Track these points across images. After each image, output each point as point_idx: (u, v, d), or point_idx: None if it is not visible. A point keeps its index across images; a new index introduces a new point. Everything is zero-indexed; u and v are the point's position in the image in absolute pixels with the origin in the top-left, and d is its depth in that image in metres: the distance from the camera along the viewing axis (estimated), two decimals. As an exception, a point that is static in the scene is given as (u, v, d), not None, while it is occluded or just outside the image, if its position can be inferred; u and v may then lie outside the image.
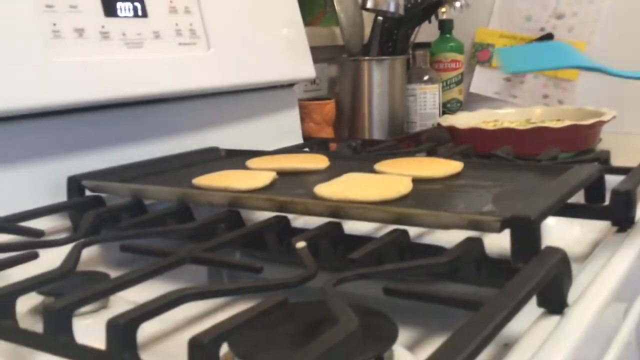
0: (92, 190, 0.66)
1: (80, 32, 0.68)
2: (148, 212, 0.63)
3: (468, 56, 1.40)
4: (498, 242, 0.50)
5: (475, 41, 1.41)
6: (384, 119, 1.22)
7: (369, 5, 1.12)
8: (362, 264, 0.44)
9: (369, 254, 0.45)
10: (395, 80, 1.21)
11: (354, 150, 0.94)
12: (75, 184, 0.66)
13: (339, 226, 0.53)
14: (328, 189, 0.56)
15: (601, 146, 1.09)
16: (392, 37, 1.20)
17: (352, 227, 0.56)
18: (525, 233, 0.44)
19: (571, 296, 0.43)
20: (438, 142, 1.19)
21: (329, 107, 1.15)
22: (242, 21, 0.92)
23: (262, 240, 0.54)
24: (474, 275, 0.46)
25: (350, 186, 0.57)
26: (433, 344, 0.41)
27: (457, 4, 1.18)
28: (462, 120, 1.15)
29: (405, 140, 1.14)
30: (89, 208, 0.62)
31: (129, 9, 0.74)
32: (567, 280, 0.43)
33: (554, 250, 0.43)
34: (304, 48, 1.04)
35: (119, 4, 0.73)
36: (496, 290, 0.37)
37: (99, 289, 0.40)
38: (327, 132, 1.17)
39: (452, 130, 1.08)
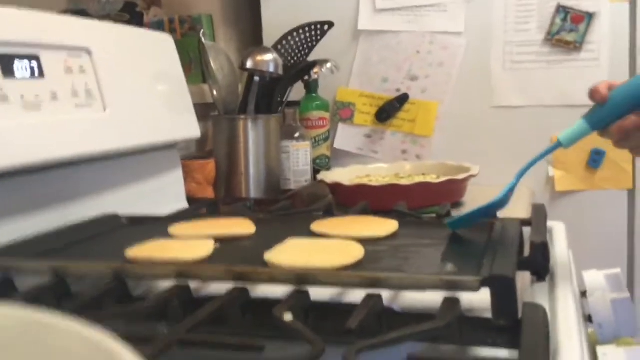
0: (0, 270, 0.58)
1: (-21, 92, 0.61)
2: (73, 293, 0.57)
3: (331, 114, 1.45)
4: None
5: (337, 100, 1.47)
6: (260, 177, 1.21)
7: (249, 65, 1.12)
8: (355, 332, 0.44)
9: (362, 320, 0.44)
10: (270, 138, 1.22)
11: (249, 210, 0.93)
12: (-23, 264, 0.58)
13: (306, 294, 0.51)
14: (282, 257, 0.54)
15: (467, 199, 1.18)
16: (266, 95, 1.22)
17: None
18: (506, 291, 0.46)
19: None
20: (318, 198, 1.22)
21: (211, 166, 1.12)
22: (132, 81, 0.88)
23: (222, 314, 0.51)
24: (457, 335, 0.47)
25: (303, 253, 0.56)
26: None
27: (328, 66, 1.23)
28: (340, 176, 1.18)
29: (290, 199, 1.14)
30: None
31: (26, 68, 0.68)
32: (548, 334, 0.45)
33: (535, 308, 0.45)
34: (188, 107, 1.02)
35: (16, 64, 0.66)
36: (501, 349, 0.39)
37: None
38: (209, 192, 1.14)
39: (336, 186, 1.10)
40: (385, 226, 0.64)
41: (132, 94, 0.86)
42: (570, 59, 1.35)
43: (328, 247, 0.57)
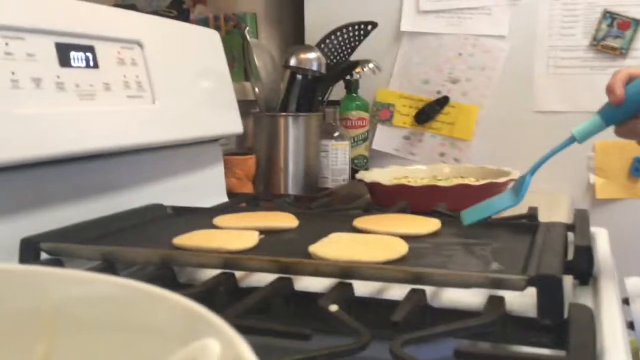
0: (51, 253, 0.60)
1: (37, 82, 0.63)
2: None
3: (371, 115, 1.46)
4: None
5: (376, 100, 1.47)
6: (299, 174, 1.23)
7: (292, 63, 1.13)
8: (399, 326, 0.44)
9: (407, 314, 0.45)
10: (310, 136, 1.23)
11: (290, 205, 0.93)
12: (31, 246, 0.60)
13: (350, 287, 0.52)
14: (327, 250, 0.55)
15: (506, 202, 1.18)
16: (308, 94, 1.23)
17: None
18: (552, 290, 0.46)
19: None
20: (355, 197, 1.22)
21: (251, 162, 1.14)
22: (179, 75, 0.89)
23: (266, 304, 0.52)
24: (502, 333, 0.47)
25: (348, 247, 0.57)
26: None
27: (370, 66, 1.23)
28: (379, 176, 1.19)
29: (328, 196, 1.15)
30: (52, 273, 0.56)
31: (82, 59, 0.69)
32: (595, 335, 0.45)
33: (582, 308, 0.45)
34: (232, 103, 1.03)
35: (72, 54, 0.68)
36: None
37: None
38: (248, 187, 1.15)
39: (375, 186, 1.11)
40: (427, 224, 0.65)
41: (180, 87, 0.87)
42: (615, 65, 1.33)
43: (372, 242, 0.58)
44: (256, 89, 1.24)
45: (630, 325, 0.68)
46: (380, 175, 1.23)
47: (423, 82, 1.45)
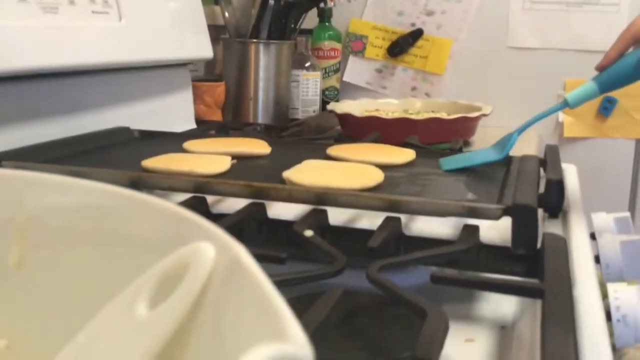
0: (14, 172, 0.57)
1: (-4, -10, 0.59)
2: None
3: (343, 45, 1.43)
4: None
5: (349, 31, 1.44)
6: (269, 104, 1.20)
7: (265, -14, 1.09)
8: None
9: (384, 240, 0.44)
10: (281, 65, 1.20)
11: (260, 134, 0.92)
12: (-9, 165, 0.57)
13: (324, 213, 0.51)
14: (301, 176, 0.54)
15: (476, 139, 1.18)
16: (280, 21, 1.19)
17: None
18: (527, 220, 0.46)
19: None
20: (326, 128, 1.21)
21: (221, 89, 1.11)
22: (147, -7, 0.85)
23: (240, 230, 0.51)
24: (475, 261, 0.47)
25: (323, 173, 0.56)
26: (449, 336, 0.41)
27: (345, -6, 1.20)
28: (350, 108, 1.17)
29: (298, 126, 1.13)
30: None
31: (43, -32, 0.65)
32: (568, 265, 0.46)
33: (556, 238, 0.45)
34: (202, 26, 0.99)
35: (33, -38, 0.64)
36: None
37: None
38: (217, 115, 1.13)
39: (346, 117, 1.09)
40: (402, 154, 0.64)
41: (148, 7, 0.83)
42: (591, 2, 1.32)
43: (347, 170, 0.57)
44: (226, 14, 1.20)
45: (596, 259, 0.70)
46: (352, 107, 1.21)
47: (398, 13, 1.42)
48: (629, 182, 1.35)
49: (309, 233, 0.45)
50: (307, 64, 1.28)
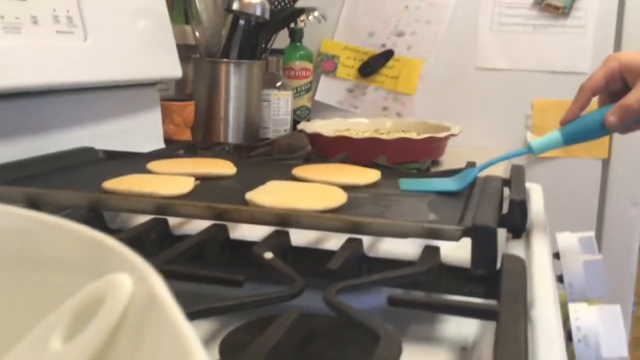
0: (-29, 194, 0.56)
1: (-45, 9, 0.58)
2: (47, 220, 0.56)
3: (314, 65, 1.44)
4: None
5: (321, 51, 1.45)
6: (240, 124, 1.20)
7: (235, 7, 1.09)
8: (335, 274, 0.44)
9: (344, 262, 0.44)
10: (252, 85, 1.20)
11: (227, 154, 0.91)
12: (-53, 187, 0.56)
13: (286, 235, 0.51)
14: (264, 197, 0.54)
15: (445, 158, 1.19)
16: (251, 41, 1.19)
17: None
18: (486, 241, 0.46)
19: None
20: (296, 148, 1.21)
21: (190, 108, 1.10)
22: (115, 12, 0.85)
23: (200, 252, 0.50)
24: (435, 282, 0.47)
25: (286, 194, 0.55)
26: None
27: (315, 14, 1.20)
28: (320, 127, 1.17)
29: (268, 146, 1.13)
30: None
31: (6, -13, 0.65)
32: (526, 286, 0.46)
33: (514, 259, 0.46)
34: (170, 45, 0.99)
35: (-5, -19, 0.63)
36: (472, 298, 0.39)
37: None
38: (187, 135, 1.12)
39: (316, 137, 1.10)
40: (367, 175, 0.64)
41: (115, 26, 0.83)
42: (557, 24, 1.34)
43: (310, 191, 0.57)
44: (197, 33, 1.20)
45: (560, 279, 0.70)
46: (322, 126, 1.21)
47: (369, 34, 1.43)
48: (596, 202, 1.37)
49: (268, 255, 0.44)
50: (278, 84, 1.28)
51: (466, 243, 0.48)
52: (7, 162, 0.63)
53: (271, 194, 0.54)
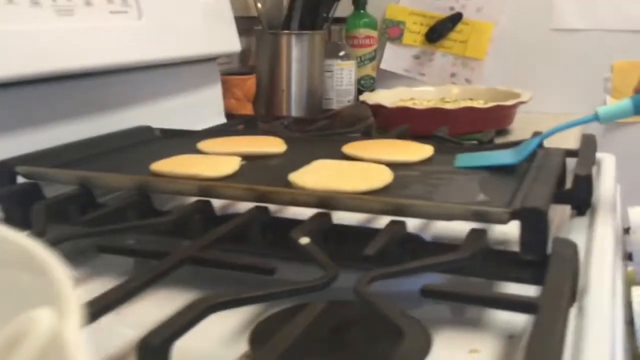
0: (28, 177, 0.58)
1: (7, -4, 0.59)
2: (98, 203, 0.57)
3: (379, 33, 1.40)
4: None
5: (385, 17, 1.41)
6: (302, 96, 1.19)
7: (294, -24, 1.08)
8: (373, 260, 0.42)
9: (381, 248, 0.43)
10: (314, 56, 1.19)
11: (287, 128, 0.90)
12: (5, 169, 0.58)
13: (328, 217, 0.50)
14: (307, 178, 0.52)
15: (516, 126, 1.13)
16: (312, 10, 1.17)
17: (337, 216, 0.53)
18: (536, 224, 0.43)
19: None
20: (359, 119, 1.19)
21: (251, 82, 1.10)
22: (170, -12, 0.85)
23: (243, 234, 0.50)
24: (481, 268, 0.45)
25: (329, 175, 0.54)
26: (453, 346, 0.39)
27: (378, -20, 1.17)
28: (384, 98, 1.15)
29: (330, 119, 1.12)
30: (27, 198, 0.55)
31: (58, -29, 0.66)
32: (578, 272, 0.43)
33: (566, 243, 0.43)
34: (229, 19, 0.99)
35: (46, -35, 0.64)
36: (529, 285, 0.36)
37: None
38: (248, 109, 1.12)
39: (378, 108, 1.07)
40: (419, 151, 0.62)
41: (170, 3, 0.83)
42: (641, -21, 1.25)
43: (355, 170, 0.55)
44: (259, 5, 1.19)
45: (629, 257, 0.66)
46: (386, 96, 1.18)
47: (435, -3, 1.38)
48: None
49: (304, 240, 0.44)
50: (342, 53, 1.26)
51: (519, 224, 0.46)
52: (64, 144, 0.65)
53: (314, 175, 0.53)
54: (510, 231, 0.47)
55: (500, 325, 0.42)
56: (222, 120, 1.03)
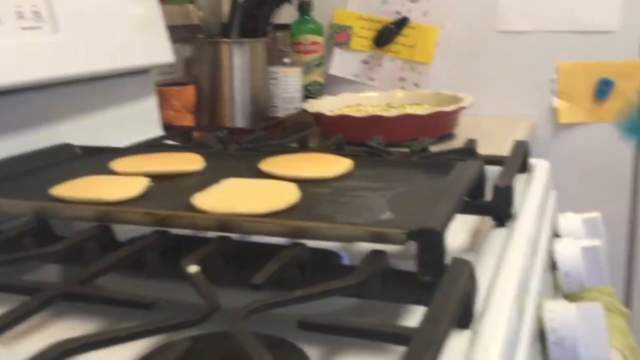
0: None
1: None
2: (-2, 229, 0.54)
3: (326, 38, 1.39)
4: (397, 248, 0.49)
5: (333, 22, 1.39)
6: (246, 105, 1.17)
7: (230, -16, 1.06)
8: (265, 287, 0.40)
9: (271, 276, 0.41)
10: (257, 64, 1.17)
11: (221, 141, 0.88)
12: None
13: (228, 240, 0.48)
14: (208, 201, 0.51)
15: (458, 130, 1.13)
16: (252, 17, 1.15)
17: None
18: (432, 246, 0.42)
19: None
20: (304, 127, 1.17)
21: (189, 92, 1.08)
22: (91, 2, 0.82)
23: (140, 259, 0.48)
24: (379, 290, 0.43)
25: (233, 196, 0.52)
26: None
27: (319, -14, 1.15)
28: (327, 105, 1.13)
29: (271, 128, 1.10)
30: None
31: (-41, -13, 0.63)
32: (475, 292, 0.42)
33: (462, 263, 0.41)
34: (160, 29, 0.96)
35: (-55, -19, 0.62)
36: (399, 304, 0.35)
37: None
38: (188, 120, 1.10)
39: (318, 116, 1.06)
40: (337, 166, 0.60)
41: (90, 15, 0.81)
42: (584, -20, 1.25)
43: (262, 190, 0.53)
44: (200, 12, 1.17)
45: (554, 265, 0.65)
46: (331, 103, 1.17)
47: (382, 2, 1.37)
48: (629, 172, 1.28)
49: (192, 269, 0.42)
50: (287, 60, 1.24)
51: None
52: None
53: (217, 196, 0.51)
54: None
55: (399, 350, 0.41)
56: (159, 132, 1.01)
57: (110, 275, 0.49)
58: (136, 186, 0.54)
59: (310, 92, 1.34)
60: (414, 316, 0.43)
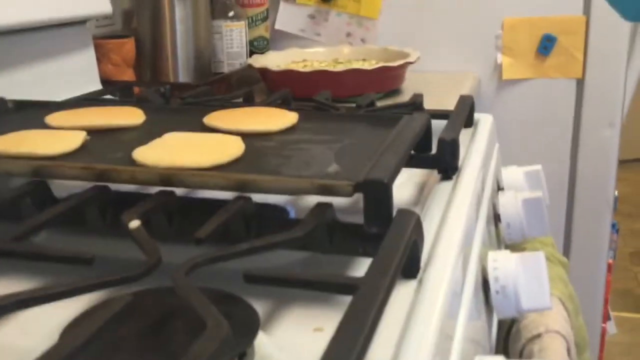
0: None
1: None
2: None
3: (272, -9, 1.35)
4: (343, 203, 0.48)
5: (278, -25, 1.36)
6: (189, 60, 1.14)
7: None
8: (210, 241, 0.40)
9: (215, 230, 0.40)
10: (200, 17, 1.13)
11: (163, 96, 0.86)
12: None
13: (172, 195, 0.47)
14: (150, 154, 0.49)
15: (405, 86, 1.12)
16: (194, -31, 1.11)
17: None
18: (379, 197, 0.42)
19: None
20: (249, 83, 1.15)
21: (129, 46, 1.04)
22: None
23: (79, 215, 0.46)
24: (327, 242, 0.43)
25: (175, 150, 0.51)
26: (298, 325, 0.37)
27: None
28: (273, 60, 1.11)
29: (216, 83, 1.08)
30: None
31: None
32: (421, 242, 0.42)
33: (408, 214, 0.41)
34: (97, -21, 0.92)
35: None
36: (346, 257, 0.35)
37: None
38: (128, 75, 1.06)
39: (264, 72, 1.04)
40: (282, 119, 0.59)
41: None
42: None
43: (206, 144, 0.52)
44: (139, -37, 1.12)
45: (499, 217, 0.66)
46: (277, 58, 1.15)
47: (328, -46, 1.34)
48: (571, 124, 1.31)
49: (134, 224, 0.40)
50: (231, 14, 1.21)
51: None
52: None
53: (160, 150, 0.50)
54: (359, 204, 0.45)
55: (346, 302, 0.40)
56: (98, 86, 0.97)
57: (49, 232, 0.48)
58: (73, 140, 0.52)
59: (257, 47, 1.31)
60: (361, 269, 0.43)
